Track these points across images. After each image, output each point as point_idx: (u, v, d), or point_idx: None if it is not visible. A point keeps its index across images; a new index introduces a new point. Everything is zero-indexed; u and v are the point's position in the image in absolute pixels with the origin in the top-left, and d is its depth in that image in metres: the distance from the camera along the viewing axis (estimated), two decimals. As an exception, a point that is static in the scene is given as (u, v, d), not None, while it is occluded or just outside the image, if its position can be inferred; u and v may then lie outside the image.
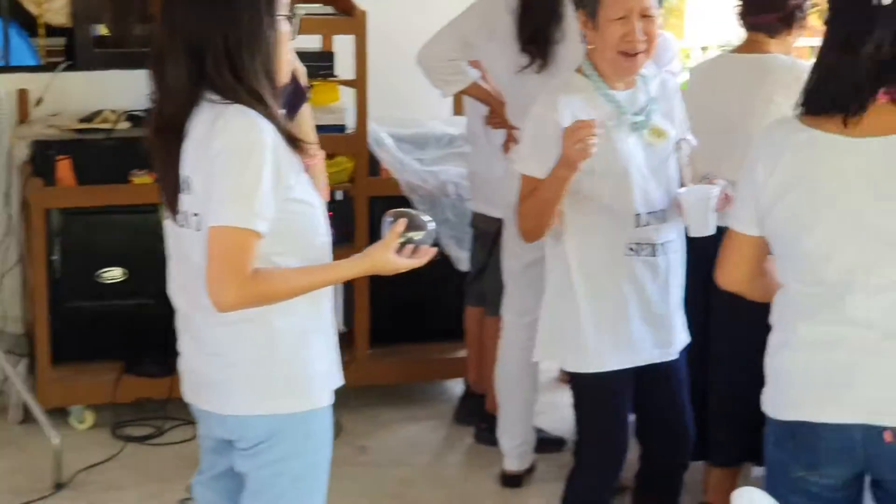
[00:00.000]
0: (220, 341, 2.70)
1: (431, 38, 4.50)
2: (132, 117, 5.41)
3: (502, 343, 4.51)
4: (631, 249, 3.44)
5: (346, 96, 5.32)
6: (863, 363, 2.61)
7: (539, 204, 3.39)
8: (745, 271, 2.86)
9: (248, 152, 2.56)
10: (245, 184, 2.55)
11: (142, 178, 5.31)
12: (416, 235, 2.74)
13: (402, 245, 2.72)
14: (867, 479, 2.72)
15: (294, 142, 2.66)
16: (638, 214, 3.43)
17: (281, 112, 2.68)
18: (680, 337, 3.60)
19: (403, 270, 2.74)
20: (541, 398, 4.71)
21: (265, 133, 2.58)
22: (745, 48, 4.27)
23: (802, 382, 2.69)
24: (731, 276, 2.88)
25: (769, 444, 2.79)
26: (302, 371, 2.73)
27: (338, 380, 2.84)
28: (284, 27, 2.71)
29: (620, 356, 3.48)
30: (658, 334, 3.52)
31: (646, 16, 3.39)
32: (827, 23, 2.71)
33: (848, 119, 2.59)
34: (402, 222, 2.72)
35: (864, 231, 2.60)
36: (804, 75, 4.20)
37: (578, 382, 3.57)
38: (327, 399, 2.78)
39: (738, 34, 4.34)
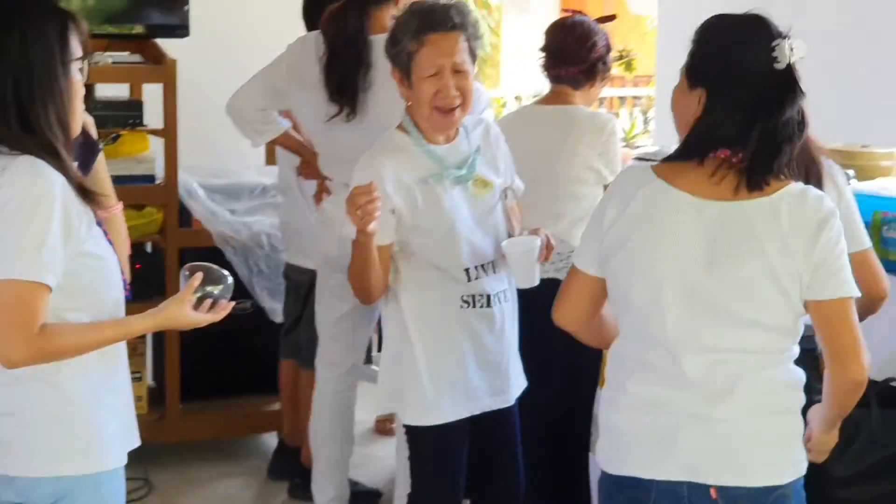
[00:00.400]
0: (11, 401, 2.60)
1: (241, 87, 4.47)
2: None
3: (316, 395, 4.47)
4: (465, 302, 3.45)
5: (156, 146, 5.24)
6: (686, 423, 2.64)
7: (354, 271, 3.39)
8: (582, 311, 2.85)
9: (35, 205, 2.49)
10: (32, 236, 2.47)
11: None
12: (214, 289, 2.71)
13: (200, 300, 2.70)
14: None
15: (87, 194, 2.60)
16: (467, 269, 3.45)
17: (73, 164, 2.62)
18: (516, 383, 3.62)
19: (200, 325, 2.71)
20: (356, 450, 4.68)
21: (54, 185, 2.51)
22: (550, 100, 4.35)
23: (630, 440, 2.70)
24: (567, 314, 2.87)
25: (601, 496, 2.80)
26: (94, 431, 2.64)
27: (133, 440, 2.76)
28: (78, 76, 2.64)
29: (458, 406, 3.48)
30: (494, 382, 3.53)
31: (458, 71, 3.39)
32: (692, 74, 2.70)
33: (693, 171, 2.62)
34: (199, 276, 2.69)
35: (693, 295, 2.61)
36: (607, 126, 4.32)
37: (417, 435, 3.53)
38: (120, 460, 2.69)
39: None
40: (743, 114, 2.60)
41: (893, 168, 5.01)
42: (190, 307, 2.67)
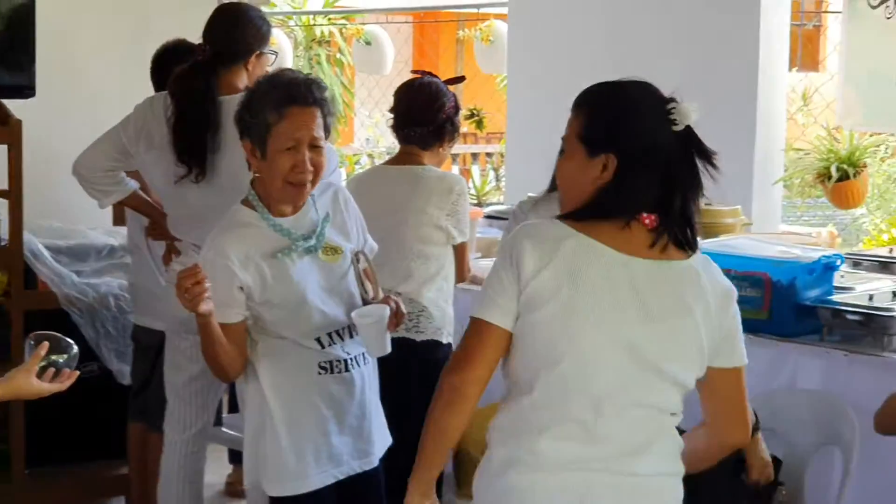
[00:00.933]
0: None
1: (88, 147, 4.41)
2: None
3: (164, 459, 4.40)
4: (323, 368, 3.45)
5: (0, 207, 5.15)
6: (598, 480, 2.62)
7: (205, 351, 3.39)
8: (492, 369, 2.68)
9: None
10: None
11: None
12: (59, 359, 2.78)
13: (44, 369, 2.75)
14: None
15: None
16: (319, 338, 3.44)
17: None
18: (379, 443, 3.62)
19: (44, 395, 2.78)
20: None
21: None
22: (399, 160, 4.39)
23: (536, 501, 2.62)
24: (480, 374, 2.66)
25: None
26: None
27: None
28: None
29: (322, 473, 3.46)
30: (357, 445, 3.53)
31: (315, 146, 3.41)
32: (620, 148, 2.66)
33: (608, 228, 2.62)
34: (45, 345, 2.76)
35: (629, 350, 2.60)
36: (455, 187, 4.34)
37: None
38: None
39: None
40: (659, 178, 2.62)
41: (737, 225, 5.14)
42: (35, 376, 2.73)
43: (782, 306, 4.06)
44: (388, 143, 6.82)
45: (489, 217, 5.58)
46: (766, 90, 6.13)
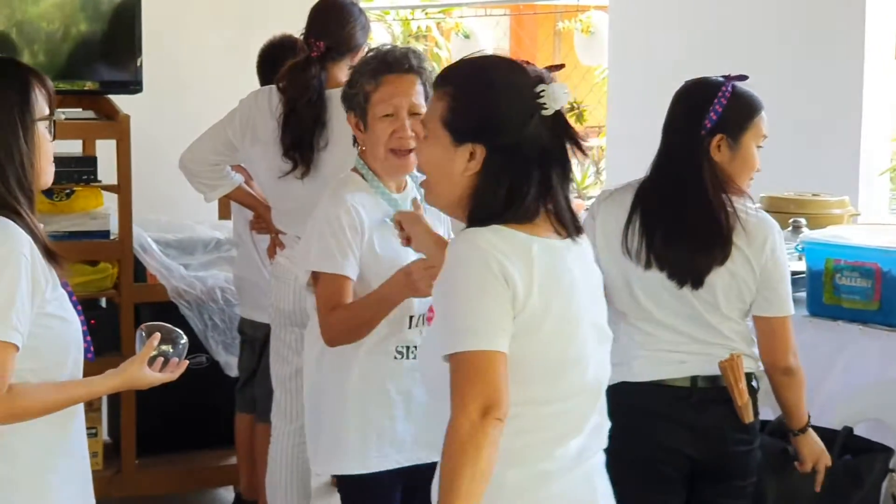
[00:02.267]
0: None
1: (194, 142, 4.48)
2: None
3: (272, 449, 4.46)
4: (399, 353, 3.42)
5: (110, 201, 5.24)
6: (593, 463, 2.56)
7: (357, 322, 3.32)
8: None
9: (4, 264, 2.50)
10: (1, 296, 2.49)
11: None
12: (168, 349, 2.81)
13: (154, 358, 2.78)
14: None
15: (52, 256, 2.61)
16: (412, 316, 3.40)
17: (40, 225, 2.64)
18: None
19: (156, 385, 2.78)
20: (313, 503, 4.66)
21: (23, 245, 2.52)
22: None
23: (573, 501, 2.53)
24: (505, 404, 2.38)
25: None
26: (43, 498, 2.63)
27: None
28: (45, 135, 2.66)
29: (383, 457, 3.44)
30: (424, 435, 3.44)
31: (415, 113, 3.38)
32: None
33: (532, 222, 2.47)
34: (156, 336, 2.77)
35: (597, 331, 2.55)
36: None
37: (344, 485, 3.53)
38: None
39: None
40: (536, 166, 2.46)
41: (844, 216, 5.07)
42: (147, 366, 2.73)
43: (893, 296, 4.01)
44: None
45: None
46: (872, 80, 6.04)
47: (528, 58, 6.91)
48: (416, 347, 3.44)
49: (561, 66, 4.08)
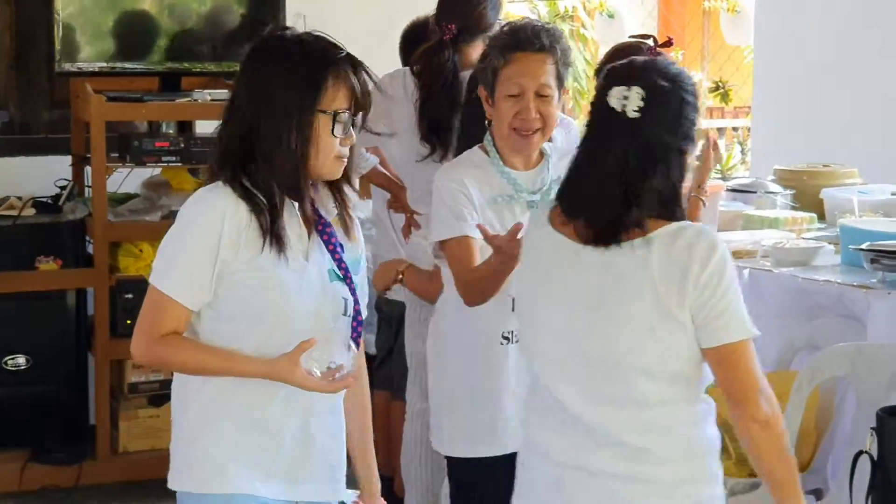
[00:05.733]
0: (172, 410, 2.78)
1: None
2: (38, 204, 5.40)
3: (406, 427, 4.51)
4: (505, 338, 3.39)
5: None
6: (570, 475, 2.62)
7: (492, 285, 3.28)
8: None
9: (187, 223, 2.65)
10: (172, 253, 2.64)
11: (48, 265, 5.29)
12: (314, 367, 2.62)
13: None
14: None
15: (277, 240, 2.62)
16: (514, 298, 3.32)
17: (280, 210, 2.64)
18: None
19: (310, 389, 2.62)
20: (447, 481, 4.70)
21: (214, 212, 2.60)
22: None
23: (529, 491, 2.77)
24: None
25: None
26: (197, 452, 2.70)
27: (254, 476, 2.70)
28: (326, 130, 2.64)
29: (493, 443, 3.43)
30: None
31: (542, 95, 3.32)
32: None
33: (587, 226, 2.56)
34: (312, 341, 2.59)
35: (570, 338, 2.58)
36: None
37: (455, 466, 3.54)
38: (220, 487, 2.68)
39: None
40: (587, 162, 2.58)
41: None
42: (302, 370, 2.58)
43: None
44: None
45: (732, 191, 5.49)
46: None
47: (676, 37, 6.81)
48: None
49: (669, 43, 3.86)
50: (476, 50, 4.22)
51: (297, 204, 2.67)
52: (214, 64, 5.60)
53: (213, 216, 2.60)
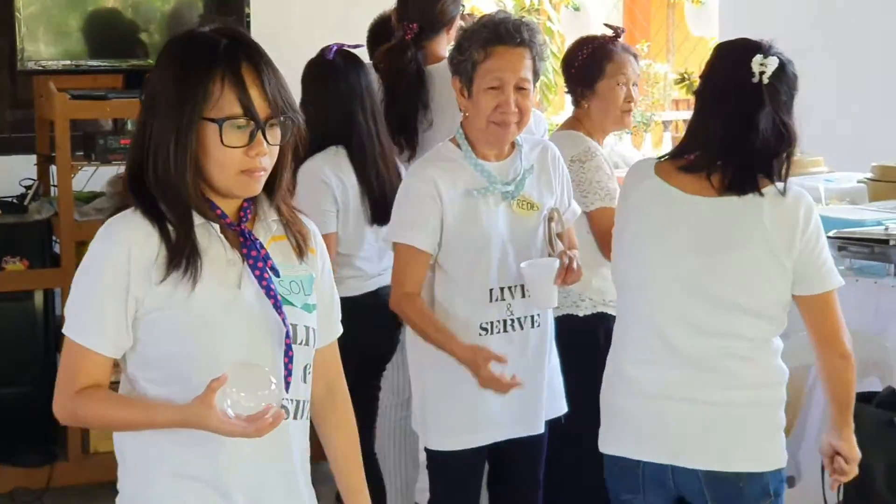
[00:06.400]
0: None
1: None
2: (3, 204, 5.37)
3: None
4: (484, 329, 3.40)
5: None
6: (674, 407, 2.97)
7: (434, 337, 3.38)
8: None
9: (92, 261, 2.35)
10: (80, 294, 2.35)
11: (14, 266, 5.26)
12: (240, 397, 2.22)
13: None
14: None
15: (183, 262, 2.31)
16: (492, 289, 3.40)
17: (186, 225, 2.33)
18: (550, 409, 3.57)
19: (230, 434, 2.24)
20: (423, 475, 4.69)
21: (115, 246, 2.31)
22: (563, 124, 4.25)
23: (625, 422, 3.07)
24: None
25: (606, 473, 3.12)
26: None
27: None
28: (213, 134, 2.29)
29: (476, 435, 3.45)
30: (522, 408, 3.47)
31: (521, 88, 3.35)
32: (702, 93, 3.02)
33: (681, 170, 2.97)
34: (223, 378, 2.21)
35: (684, 281, 2.94)
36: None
37: (434, 458, 3.54)
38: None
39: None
40: (720, 123, 2.90)
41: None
42: (218, 412, 2.21)
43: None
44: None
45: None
46: None
47: (640, 30, 6.85)
48: (500, 322, 3.42)
49: (619, 30, 3.92)
50: (440, 45, 4.22)
51: (217, 225, 2.35)
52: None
53: (119, 252, 2.30)
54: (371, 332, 3.95)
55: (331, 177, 3.95)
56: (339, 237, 3.95)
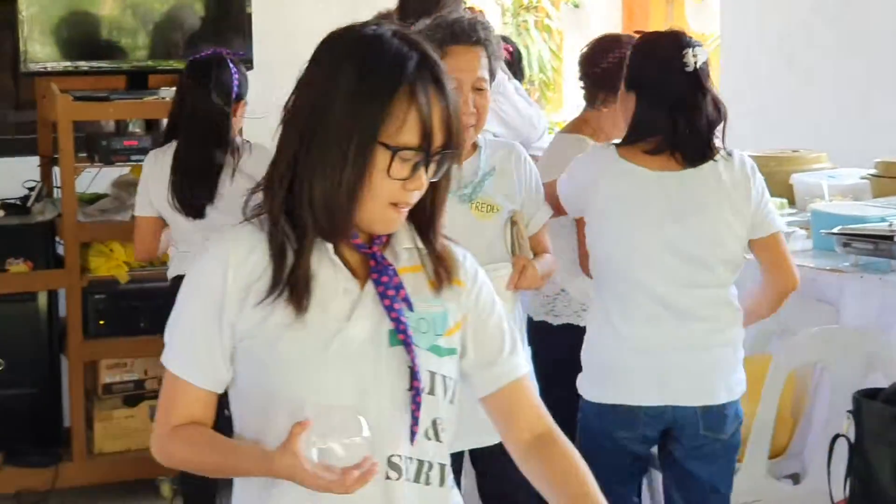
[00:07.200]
0: None
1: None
2: (6, 205, 5.37)
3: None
4: None
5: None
6: (669, 356, 3.36)
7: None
8: None
9: (188, 281, 2.12)
10: (176, 318, 2.12)
11: (18, 267, 5.26)
12: (332, 447, 1.96)
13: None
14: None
15: (296, 290, 2.03)
16: None
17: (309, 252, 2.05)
18: None
19: (327, 490, 1.94)
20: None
21: (218, 260, 2.06)
22: (568, 125, 4.23)
23: (618, 372, 3.42)
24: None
25: (584, 421, 3.44)
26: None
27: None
28: (382, 167, 2.00)
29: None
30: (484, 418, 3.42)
31: (478, 88, 3.26)
32: (641, 88, 3.39)
33: (642, 153, 3.33)
34: (304, 423, 1.94)
35: (669, 245, 3.32)
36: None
37: None
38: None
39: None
40: (667, 111, 3.30)
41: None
42: (306, 461, 1.94)
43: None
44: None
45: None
46: None
47: (640, 26, 6.88)
48: None
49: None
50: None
51: (329, 246, 2.07)
52: (180, 61, 5.57)
53: (215, 270, 2.05)
54: None
55: None
56: None
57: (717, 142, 3.36)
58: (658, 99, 3.33)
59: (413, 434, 2.05)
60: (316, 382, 2.03)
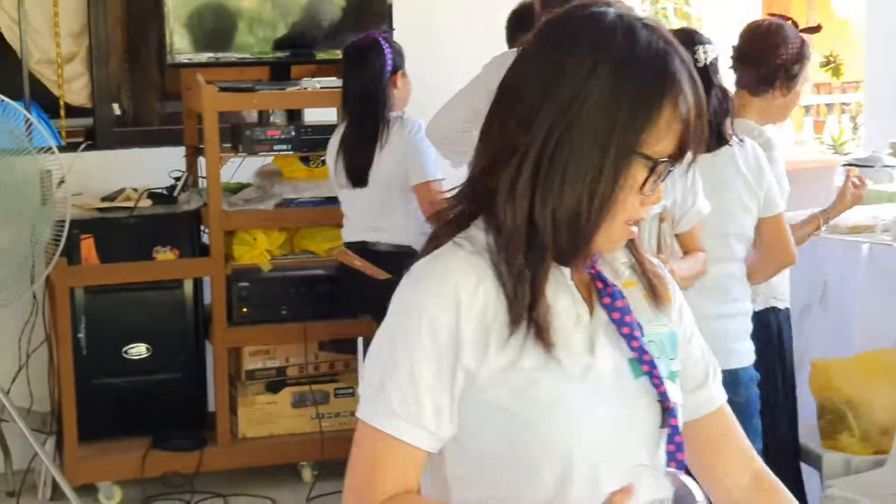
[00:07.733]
0: None
1: (440, 109, 4.54)
2: (153, 195, 5.48)
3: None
4: None
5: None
6: None
7: None
8: None
9: (404, 320, 1.76)
10: (386, 366, 1.75)
11: (165, 255, 5.37)
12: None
13: None
14: None
15: (538, 327, 1.74)
16: None
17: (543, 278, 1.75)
18: None
19: None
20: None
21: (445, 295, 1.73)
22: None
23: None
24: None
25: None
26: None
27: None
28: (635, 183, 1.74)
29: None
30: None
31: None
32: None
33: None
34: (627, 490, 1.60)
35: None
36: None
37: None
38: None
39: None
40: None
41: None
42: None
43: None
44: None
45: (847, 165, 5.41)
46: None
47: (782, 10, 6.77)
48: None
49: (817, 29, 4.19)
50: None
51: (567, 270, 1.80)
52: (323, 52, 5.63)
53: (444, 305, 1.72)
54: None
55: None
56: None
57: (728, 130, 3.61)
58: None
59: (680, 473, 1.70)
60: (578, 430, 1.73)
